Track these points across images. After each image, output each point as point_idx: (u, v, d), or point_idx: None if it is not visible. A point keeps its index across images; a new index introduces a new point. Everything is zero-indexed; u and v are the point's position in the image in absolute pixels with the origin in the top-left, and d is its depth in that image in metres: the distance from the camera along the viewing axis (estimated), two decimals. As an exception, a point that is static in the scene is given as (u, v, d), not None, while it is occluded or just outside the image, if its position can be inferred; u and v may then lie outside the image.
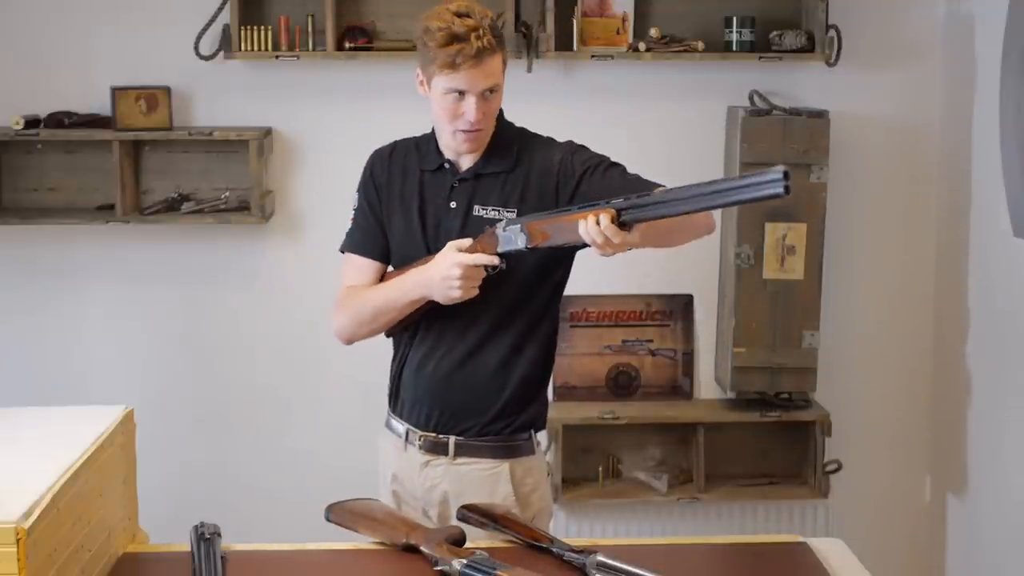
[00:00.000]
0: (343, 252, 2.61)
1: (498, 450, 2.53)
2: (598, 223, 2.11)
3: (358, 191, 2.58)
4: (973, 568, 3.77)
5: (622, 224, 2.12)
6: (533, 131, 2.55)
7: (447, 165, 2.49)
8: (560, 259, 2.51)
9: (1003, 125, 3.33)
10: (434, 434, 2.53)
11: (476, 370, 2.50)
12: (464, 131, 2.41)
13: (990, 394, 3.64)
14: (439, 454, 2.53)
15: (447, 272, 2.35)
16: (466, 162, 2.49)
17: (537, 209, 2.39)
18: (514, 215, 2.42)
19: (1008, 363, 3.49)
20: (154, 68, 3.82)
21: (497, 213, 2.44)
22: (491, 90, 2.39)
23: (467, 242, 2.37)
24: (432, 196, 2.50)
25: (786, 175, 1.84)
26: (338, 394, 3.94)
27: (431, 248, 2.45)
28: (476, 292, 2.37)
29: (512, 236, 2.30)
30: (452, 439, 2.52)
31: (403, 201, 2.51)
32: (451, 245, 2.37)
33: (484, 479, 2.52)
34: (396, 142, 2.59)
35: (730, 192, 1.96)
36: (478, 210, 2.45)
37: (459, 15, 2.36)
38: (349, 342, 2.61)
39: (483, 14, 2.38)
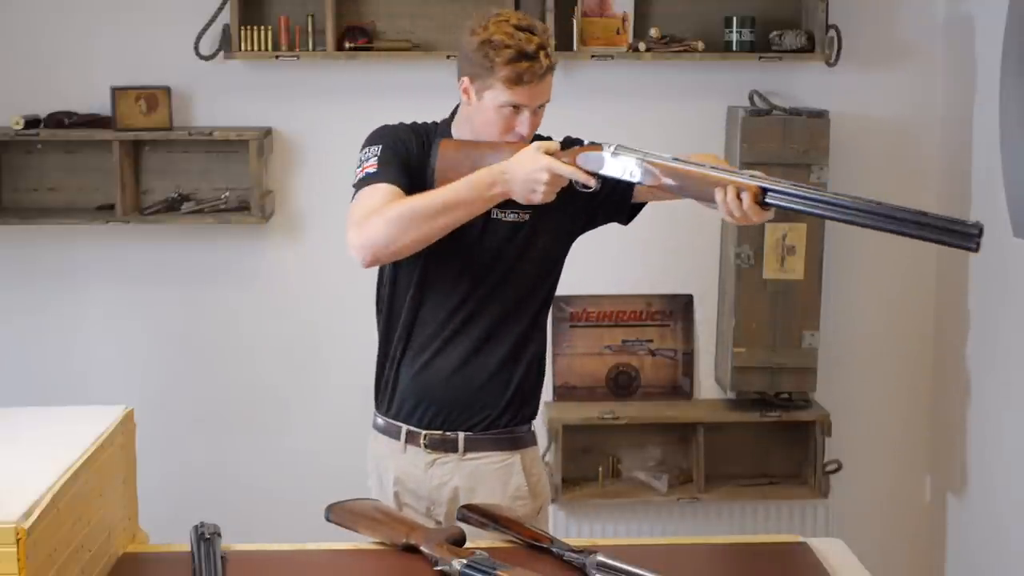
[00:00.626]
0: (363, 187, 2.37)
1: (505, 442, 2.53)
2: (739, 198, 2.08)
3: (377, 143, 2.43)
4: (973, 568, 3.77)
5: (763, 204, 2.07)
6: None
7: None
8: (561, 256, 2.53)
9: (1003, 125, 3.33)
10: (441, 432, 2.52)
11: (480, 369, 2.49)
12: (511, 142, 2.38)
13: (990, 394, 3.63)
14: (447, 451, 2.52)
15: (535, 175, 2.25)
16: None
17: (555, 212, 2.38)
18: (528, 218, 2.42)
19: (1008, 363, 3.49)
20: (154, 68, 3.81)
21: (516, 216, 2.43)
22: (541, 105, 2.40)
23: (555, 145, 2.31)
24: None
25: (981, 231, 1.84)
26: (337, 394, 3.93)
27: (443, 244, 2.36)
28: (553, 199, 2.29)
29: (625, 165, 2.21)
30: (461, 435, 2.51)
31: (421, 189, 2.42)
32: (539, 146, 2.29)
33: (496, 472, 2.52)
34: (410, 124, 2.51)
35: (920, 227, 1.91)
36: (496, 213, 2.41)
37: (521, 29, 2.33)
38: (375, 260, 2.34)
39: (544, 30, 2.37)
